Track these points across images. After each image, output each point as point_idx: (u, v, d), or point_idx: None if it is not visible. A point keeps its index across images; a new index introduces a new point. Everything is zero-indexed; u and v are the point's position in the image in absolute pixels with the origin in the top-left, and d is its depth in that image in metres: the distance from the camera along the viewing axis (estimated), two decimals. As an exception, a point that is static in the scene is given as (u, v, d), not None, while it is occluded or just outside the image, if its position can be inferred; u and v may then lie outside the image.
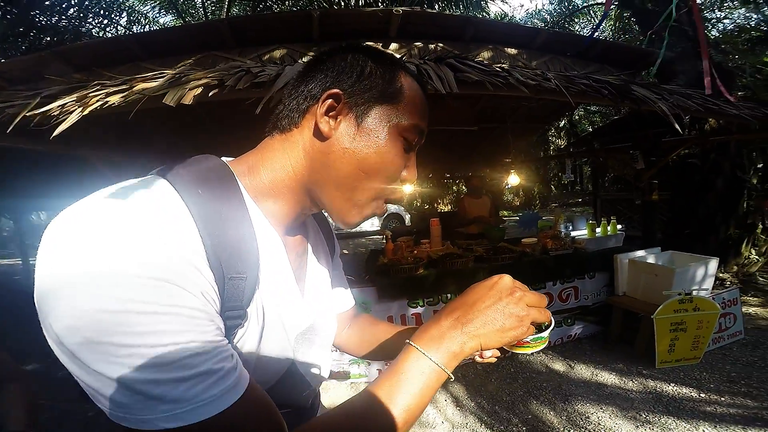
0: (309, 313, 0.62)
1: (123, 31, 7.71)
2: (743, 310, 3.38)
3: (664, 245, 3.62)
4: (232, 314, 0.45)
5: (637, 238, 4.36)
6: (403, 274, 3.08)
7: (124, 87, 1.89)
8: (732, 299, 3.16)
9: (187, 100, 1.81)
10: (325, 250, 0.75)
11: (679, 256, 3.40)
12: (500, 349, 0.69)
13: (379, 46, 2.87)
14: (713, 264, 3.09)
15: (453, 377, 0.49)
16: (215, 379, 0.39)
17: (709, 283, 3.09)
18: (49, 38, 6.53)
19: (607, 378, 2.81)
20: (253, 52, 2.80)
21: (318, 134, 0.53)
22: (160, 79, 1.91)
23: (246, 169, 0.54)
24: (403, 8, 2.57)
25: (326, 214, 0.64)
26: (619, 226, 4.01)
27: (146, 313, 0.35)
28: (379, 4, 6.87)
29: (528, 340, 0.61)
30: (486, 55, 3.13)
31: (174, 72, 1.95)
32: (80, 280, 0.35)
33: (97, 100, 1.81)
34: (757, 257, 4.28)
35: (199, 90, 1.86)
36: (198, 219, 0.42)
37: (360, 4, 6.88)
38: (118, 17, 7.53)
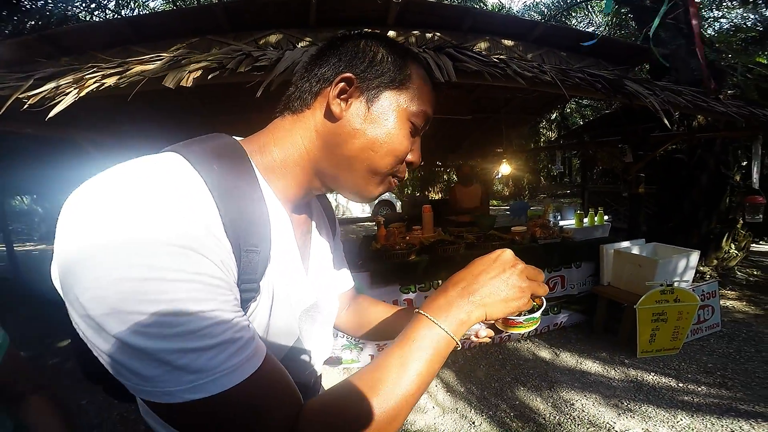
0: (313, 291, 0.64)
1: (111, 15, 7.44)
2: (721, 303, 3.53)
3: (648, 237, 3.73)
4: (248, 287, 0.47)
5: (623, 230, 4.48)
6: (396, 260, 3.11)
7: (120, 69, 1.85)
8: (711, 292, 3.29)
9: (187, 82, 1.79)
10: (328, 230, 0.77)
11: (662, 248, 3.50)
12: (494, 329, 0.74)
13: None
14: (695, 257, 3.19)
15: (460, 345, 0.51)
16: (236, 348, 0.39)
17: (690, 275, 3.20)
18: (33, 22, 6.30)
19: (591, 366, 2.92)
20: (248, 37, 2.76)
21: (329, 115, 0.55)
22: (158, 62, 1.88)
23: (257, 148, 0.56)
24: (403, -4, 2.55)
25: (336, 193, 0.67)
26: (606, 217, 4.10)
27: (171, 280, 0.36)
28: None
29: (521, 320, 0.65)
30: (483, 45, 3.14)
31: (173, 54, 1.92)
32: (105, 250, 0.35)
33: (94, 82, 1.77)
34: (736, 252, 4.45)
35: (199, 73, 1.84)
36: (214, 192, 0.42)
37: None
38: (106, 1, 7.28)
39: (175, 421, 0.39)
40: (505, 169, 4.98)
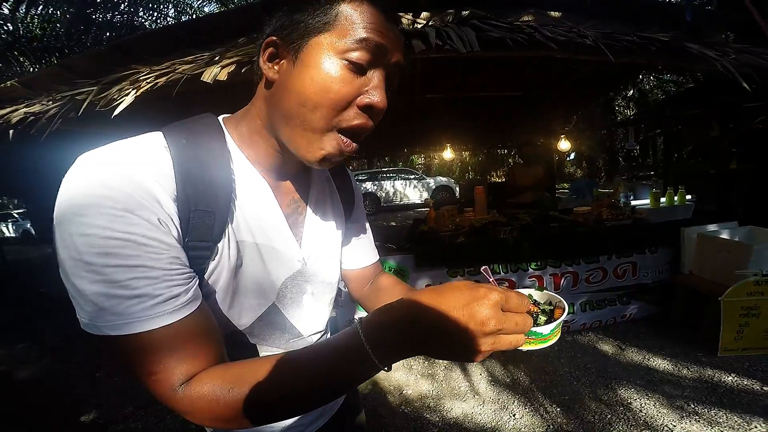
0: (298, 258, 0.64)
1: (172, 21, 8.35)
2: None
3: (743, 221, 3.18)
4: (199, 245, 0.51)
5: (712, 213, 3.86)
6: (443, 242, 3.02)
7: (169, 70, 2.07)
8: (824, 283, 2.70)
9: (222, 76, 1.95)
10: (337, 202, 0.76)
11: (760, 232, 2.96)
12: None
13: (409, 17, 2.78)
14: (802, 241, 2.66)
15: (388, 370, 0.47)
16: (153, 302, 0.45)
17: (795, 264, 2.67)
18: (108, 33, 7.39)
19: (660, 363, 2.59)
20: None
21: (267, 82, 0.56)
22: (200, 61, 2.07)
23: (234, 123, 0.61)
24: (432, -26, 2.45)
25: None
26: (688, 197, 3.58)
27: (104, 237, 0.43)
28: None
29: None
30: (527, 19, 2.90)
31: (212, 53, 2.10)
32: (66, 212, 0.44)
33: (147, 83, 2.02)
34: None
35: (233, 67, 1.98)
36: (175, 161, 0.49)
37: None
38: (166, 9, 8.17)
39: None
40: (564, 145, 4.59)
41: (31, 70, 7.61)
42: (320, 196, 0.71)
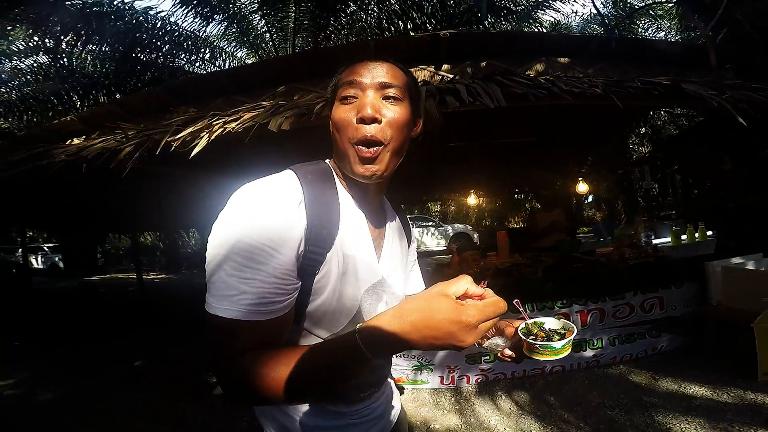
0: (379, 271, 0.84)
1: (208, 64, 8.94)
2: None
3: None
4: (316, 250, 0.67)
5: (734, 248, 3.88)
6: None
7: (235, 117, 2.38)
8: None
9: (286, 126, 2.23)
10: (402, 236, 0.98)
11: (785, 261, 3.02)
12: (519, 352, 0.77)
13: (432, 68, 3.11)
14: (826, 268, 2.70)
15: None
16: (257, 302, 0.60)
17: (822, 289, 2.70)
18: (149, 74, 7.96)
19: (697, 390, 2.57)
20: (321, 83, 3.11)
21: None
22: (261, 110, 2.37)
23: (335, 165, 0.81)
24: (450, 31, 2.76)
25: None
26: (709, 233, 3.65)
27: (255, 248, 0.60)
28: (428, 28, 6.97)
29: (537, 345, 0.68)
30: (539, 67, 3.19)
31: (272, 103, 2.41)
32: (228, 220, 0.62)
33: (219, 128, 2.31)
34: None
35: (293, 118, 2.27)
36: (305, 192, 0.68)
37: (408, 27, 7.14)
38: (203, 53, 8.79)
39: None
40: (582, 188, 4.74)
41: (78, 104, 8.22)
42: (392, 229, 0.93)
